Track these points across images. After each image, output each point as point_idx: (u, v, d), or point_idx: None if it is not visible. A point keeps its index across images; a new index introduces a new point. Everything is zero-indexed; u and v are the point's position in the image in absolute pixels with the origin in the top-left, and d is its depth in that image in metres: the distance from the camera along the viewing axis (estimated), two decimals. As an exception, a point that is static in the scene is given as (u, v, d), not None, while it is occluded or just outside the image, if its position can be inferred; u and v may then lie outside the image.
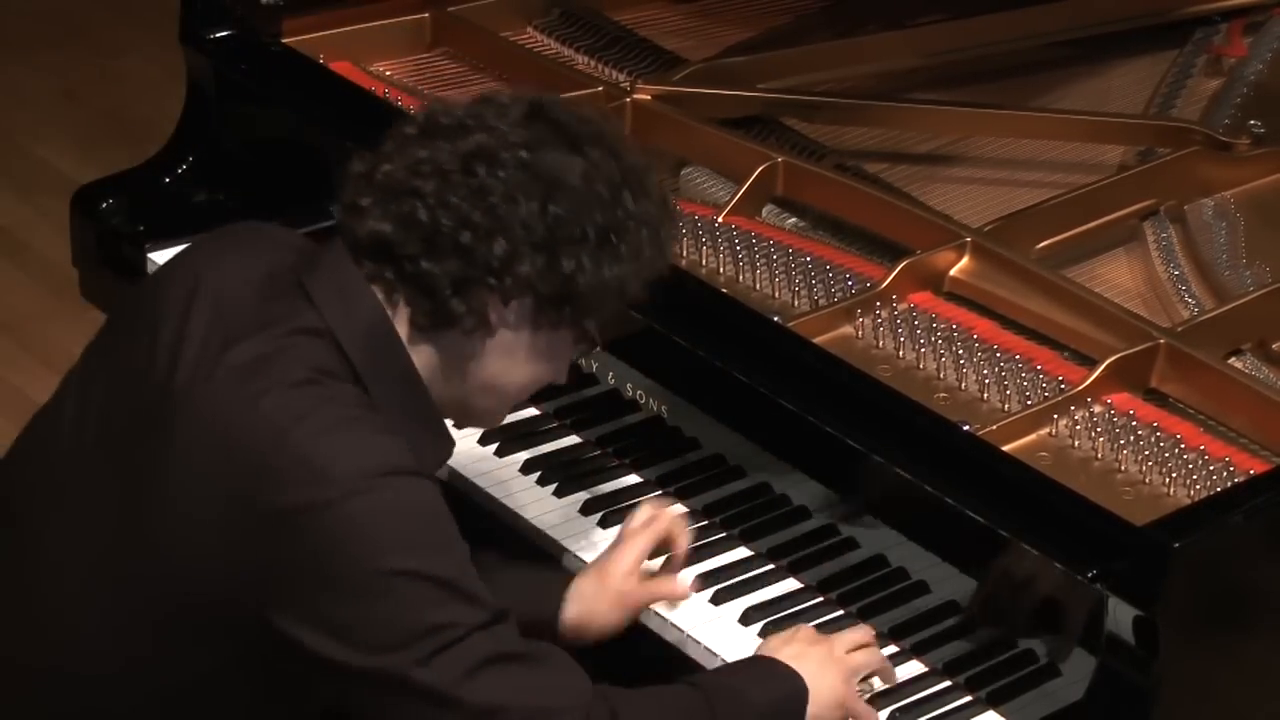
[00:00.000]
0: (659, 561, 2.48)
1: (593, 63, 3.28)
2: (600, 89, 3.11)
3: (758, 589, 2.51)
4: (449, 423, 2.28)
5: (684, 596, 2.46)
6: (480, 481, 2.66)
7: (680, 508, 2.55)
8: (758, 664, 2.32)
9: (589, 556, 2.54)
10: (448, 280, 2.13)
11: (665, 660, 2.45)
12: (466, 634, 2.06)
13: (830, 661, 2.32)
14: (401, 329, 2.18)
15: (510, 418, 2.73)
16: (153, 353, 2.18)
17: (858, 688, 2.34)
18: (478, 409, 2.28)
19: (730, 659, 2.40)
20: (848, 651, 2.35)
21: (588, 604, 2.41)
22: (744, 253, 2.80)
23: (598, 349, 2.55)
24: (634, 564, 2.42)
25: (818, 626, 2.44)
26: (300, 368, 2.12)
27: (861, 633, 2.39)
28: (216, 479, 2.09)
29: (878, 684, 2.37)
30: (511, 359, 2.20)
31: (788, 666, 2.29)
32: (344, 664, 2.07)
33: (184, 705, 2.19)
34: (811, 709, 2.28)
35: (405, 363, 2.18)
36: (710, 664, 2.42)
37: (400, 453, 2.10)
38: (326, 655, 2.07)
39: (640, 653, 2.48)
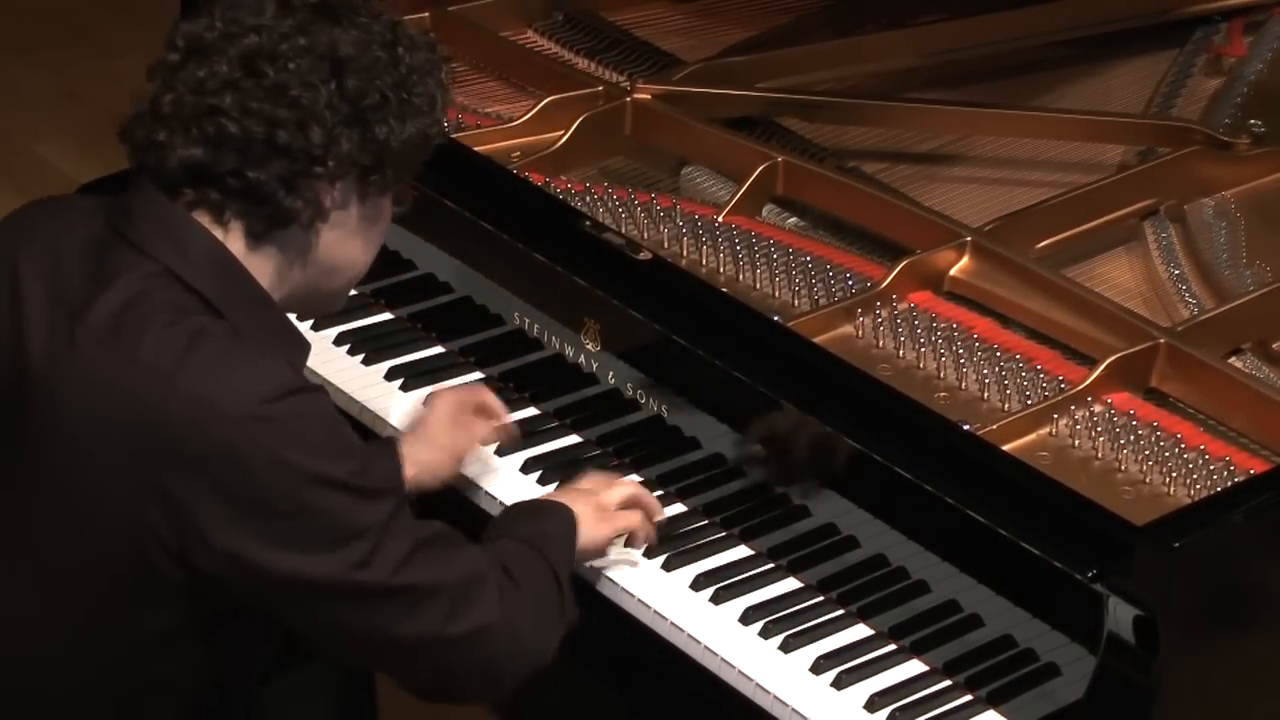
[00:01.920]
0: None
1: (593, 64, 3.28)
2: (600, 89, 3.11)
3: (758, 588, 2.51)
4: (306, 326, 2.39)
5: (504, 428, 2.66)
6: (480, 481, 2.67)
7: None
8: (540, 504, 2.48)
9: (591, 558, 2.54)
10: (278, 181, 2.17)
11: (665, 660, 2.46)
12: (384, 528, 2.14)
13: (598, 516, 2.47)
14: (236, 246, 2.21)
15: (510, 418, 2.74)
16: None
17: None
18: (326, 294, 2.32)
19: (731, 659, 2.40)
20: (618, 506, 2.50)
21: (422, 466, 2.56)
22: (744, 253, 2.80)
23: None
24: (449, 415, 2.60)
25: (817, 626, 2.45)
26: (159, 311, 2.15)
27: (631, 488, 2.54)
28: (112, 441, 2.12)
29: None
30: (348, 234, 2.26)
31: (565, 505, 2.45)
32: (289, 582, 2.13)
33: (136, 670, 2.22)
34: (582, 522, 2.46)
35: (250, 281, 2.21)
36: (711, 664, 2.42)
37: (283, 372, 2.15)
38: (269, 579, 2.12)
39: (640, 654, 2.48)
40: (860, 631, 2.46)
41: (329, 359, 2.87)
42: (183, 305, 2.16)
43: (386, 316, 2.97)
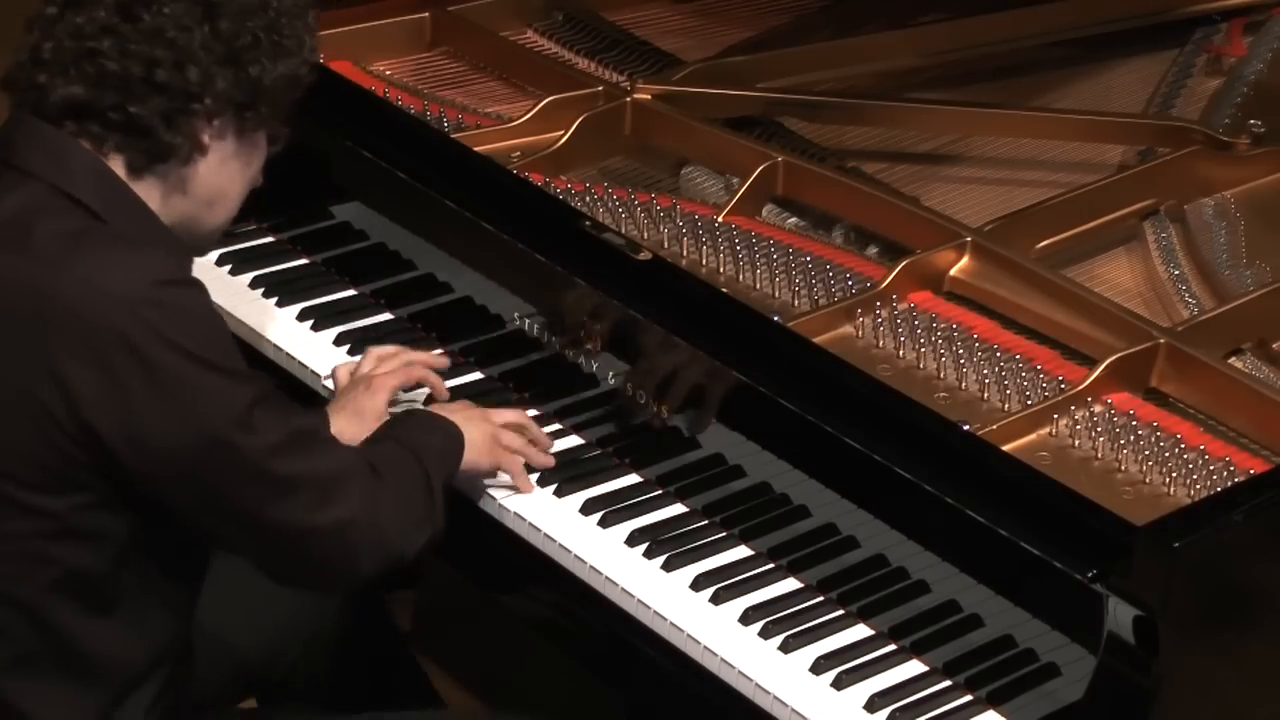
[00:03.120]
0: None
1: (593, 64, 3.28)
2: (600, 89, 3.11)
3: (758, 589, 2.51)
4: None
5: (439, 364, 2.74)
6: (480, 482, 2.66)
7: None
8: (431, 418, 2.59)
9: (591, 557, 2.54)
10: (158, 117, 2.29)
11: (665, 660, 2.46)
12: (257, 412, 2.26)
13: (487, 444, 2.60)
14: (119, 172, 2.31)
15: (511, 417, 2.74)
16: None
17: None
18: (207, 226, 2.42)
19: (731, 659, 2.40)
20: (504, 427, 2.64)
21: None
22: (744, 253, 2.80)
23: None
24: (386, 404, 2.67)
25: (817, 627, 2.45)
26: (48, 218, 2.26)
27: (519, 416, 2.67)
28: (5, 332, 2.22)
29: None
30: (225, 168, 2.37)
31: (456, 426, 2.57)
32: (167, 458, 2.23)
33: (48, 560, 2.28)
34: (469, 440, 2.58)
35: (134, 196, 2.32)
36: (711, 664, 2.42)
37: (169, 263, 2.28)
38: (151, 455, 2.23)
39: (640, 653, 2.48)
40: (860, 632, 2.46)
41: (329, 359, 2.87)
42: (68, 211, 2.28)
43: (387, 316, 2.97)
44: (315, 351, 2.90)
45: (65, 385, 2.20)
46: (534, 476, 2.67)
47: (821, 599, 2.49)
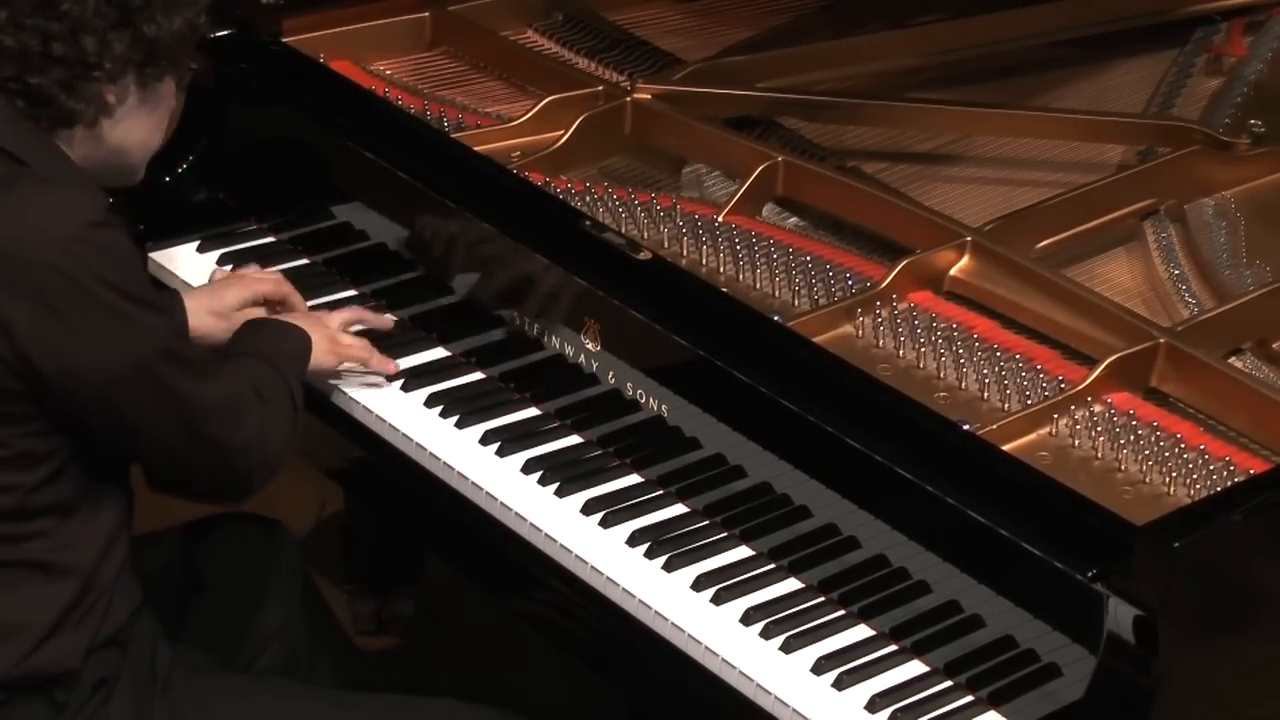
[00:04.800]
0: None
1: (593, 64, 3.28)
2: (600, 89, 3.11)
3: (759, 589, 2.51)
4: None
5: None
6: (481, 482, 2.67)
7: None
8: (282, 325, 2.74)
9: (592, 557, 2.54)
10: (58, 86, 2.38)
11: (666, 660, 2.46)
12: (172, 340, 2.42)
13: (328, 346, 2.76)
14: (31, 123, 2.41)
15: (511, 418, 2.75)
16: None
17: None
18: (127, 168, 2.54)
19: (732, 659, 2.40)
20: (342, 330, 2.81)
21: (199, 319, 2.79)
22: (744, 252, 2.80)
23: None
24: (245, 301, 2.82)
25: (819, 627, 2.45)
26: None
27: (352, 312, 2.86)
28: None
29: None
30: (134, 120, 2.47)
31: (302, 330, 2.72)
32: (93, 379, 2.34)
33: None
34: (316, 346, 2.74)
35: (52, 143, 2.42)
36: (712, 665, 2.42)
37: (98, 202, 2.36)
38: (75, 377, 2.33)
39: (641, 653, 2.48)
40: (861, 632, 2.46)
41: (329, 359, 2.87)
42: None
43: (387, 318, 2.96)
44: (316, 351, 2.90)
45: (3, 321, 2.29)
46: (534, 478, 2.67)
47: (822, 599, 2.49)
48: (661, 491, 2.64)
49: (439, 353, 2.90)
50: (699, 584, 2.50)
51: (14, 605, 2.40)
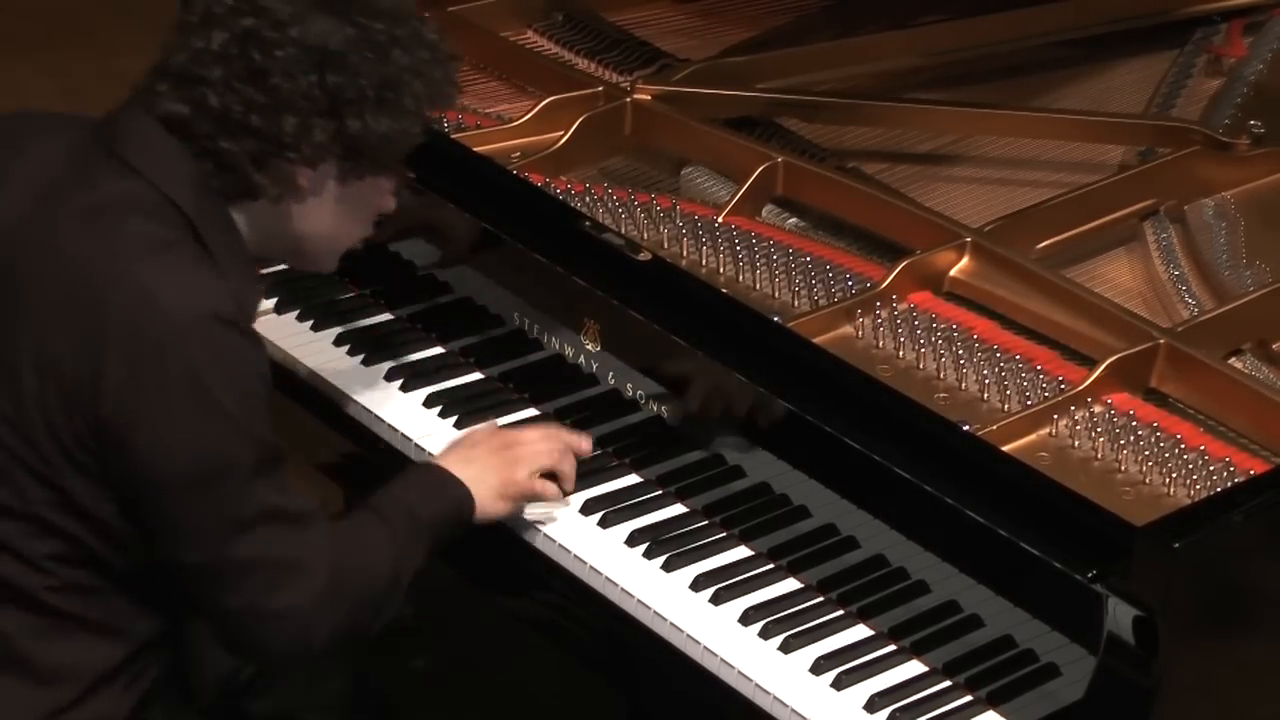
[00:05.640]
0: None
1: (593, 65, 3.28)
2: (600, 89, 3.11)
3: (758, 589, 2.51)
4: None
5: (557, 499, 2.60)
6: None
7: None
8: (428, 477, 2.51)
9: (591, 557, 2.54)
10: (247, 157, 2.30)
11: (665, 660, 2.46)
12: (247, 479, 2.24)
13: (501, 464, 2.53)
14: (215, 189, 2.33)
15: (510, 418, 2.74)
16: None
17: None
18: (306, 254, 2.46)
19: (731, 659, 2.40)
20: (528, 451, 2.56)
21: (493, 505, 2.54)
22: (744, 253, 2.80)
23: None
24: (538, 468, 2.57)
25: (817, 627, 2.45)
26: (138, 214, 2.28)
27: (537, 434, 2.60)
28: (64, 315, 2.23)
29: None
30: (324, 211, 2.38)
31: (453, 477, 2.50)
32: (147, 476, 2.23)
33: (44, 536, 2.30)
34: (479, 506, 2.51)
35: (227, 216, 2.34)
36: (711, 664, 2.42)
37: (233, 304, 2.27)
38: (133, 466, 2.23)
39: (640, 653, 2.48)
40: (860, 632, 2.46)
41: (329, 359, 2.87)
42: (163, 215, 2.29)
43: (387, 317, 2.97)
44: (315, 353, 2.90)
45: (98, 375, 2.21)
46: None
47: (821, 599, 2.49)
48: (660, 491, 2.64)
49: (437, 352, 2.90)
50: (698, 584, 2.50)
51: (62, 652, 2.35)
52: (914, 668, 2.41)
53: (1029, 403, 2.53)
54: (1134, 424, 2.49)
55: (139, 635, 2.39)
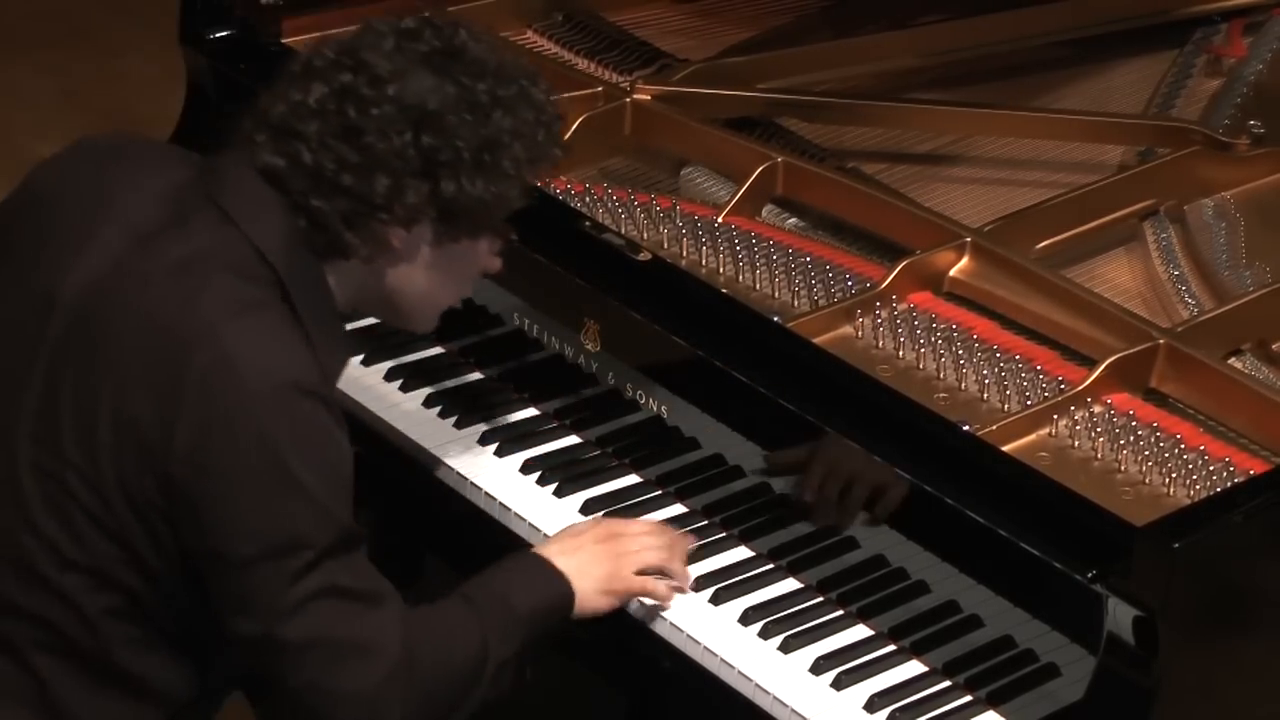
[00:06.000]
0: None
1: (593, 65, 3.28)
2: (600, 89, 3.11)
3: (758, 589, 2.51)
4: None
5: (668, 599, 2.48)
6: (480, 482, 2.67)
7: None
8: (528, 566, 2.41)
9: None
10: (338, 216, 2.24)
11: (665, 660, 2.45)
12: (317, 559, 2.18)
13: (606, 556, 2.42)
14: (309, 246, 2.28)
15: (510, 418, 2.75)
16: (57, 268, 2.27)
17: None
18: (399, 312, 2.39)
19: (731, 659, 2.40)
20: (636, 545, 2.45)
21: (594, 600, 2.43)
22: (744, 253, 2.80)
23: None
24: (645, 564, 2.46)
25: (817, 627, 2.45)
26: (230, 272, 2.23)
27: (644, 527, 2.49)
28: (144, 371, 2.19)
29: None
30: (416, 274, 2.32)
31: (554, 568, 2.39)
32: (215, 549, 2.18)
33: (109, 588, 2.25)
34: (579, 600, 2.40)
35: (319, 273, 2.28)
36: (711, 664, 2.42)
37: (317, 374, 2.21)
38: (201, 536, 2.18)
39: (640, 652, 2.48)
40: (860, 632, 2.46)
41: (329, 359, 2.87)
42: (252, 272, 2.24)
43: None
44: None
45: (171, 437, 2.16)
46: (533, 478, 2.67)
47: (821, 599, 2.49)
48: (660, 492, 2.64)
49: (437, 352, 2.90)
50: (698, 584, 2.50)
51: (95, 707, 2.29)
52: (914, 668, 2.41)
53: (1029, 403, 2.53)
54: (1134, 424, 2.49)
55: (175, 698, 2.33)
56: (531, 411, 2.78)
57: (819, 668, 2.40)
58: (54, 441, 2.23)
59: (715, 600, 2.49)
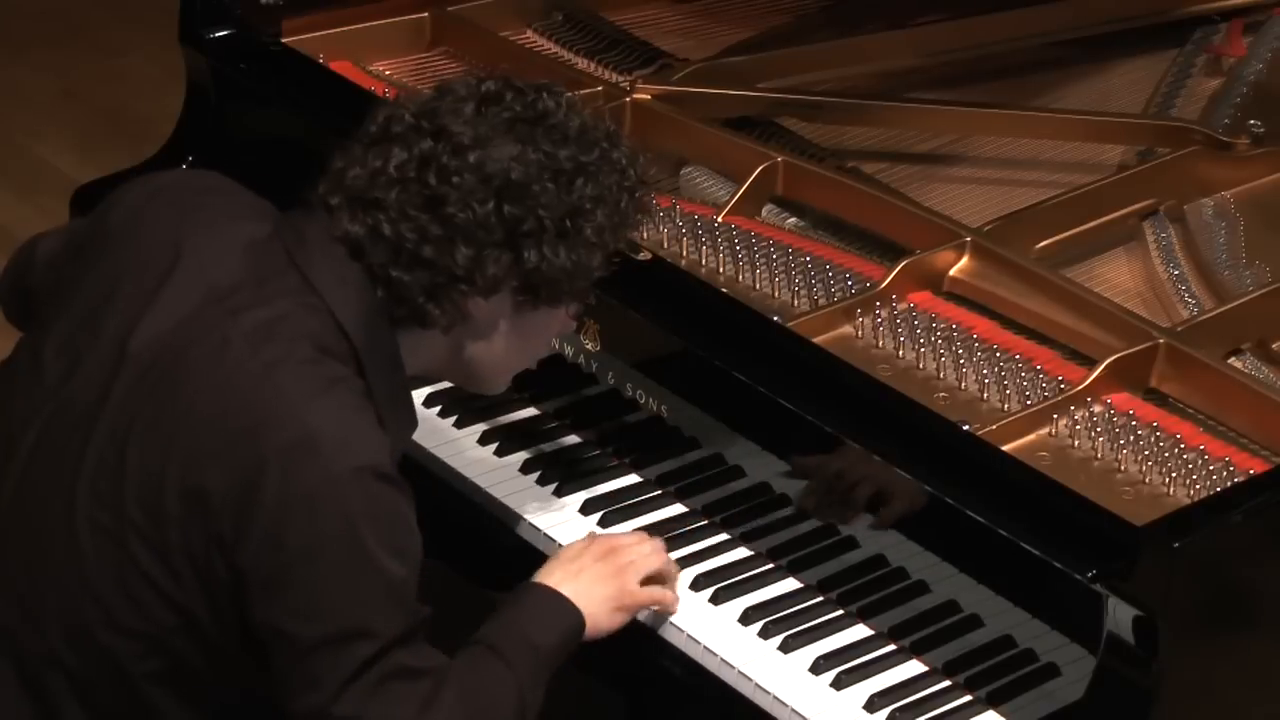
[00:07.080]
0: None
1: (593, 64, 3.28)
2: (600, 89, 3.11)
3: (758, 589, 2.51)
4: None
5: (676, 605, 2.48)
6: (480, 482, 2.67)
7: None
8: (541, 602, 2.37)
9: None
10: (419, 288, 2.20)
11: (664, 660, 2.46)
12: (385, 647, 2.14)
13: (609, 573, 2.40)
14: (386, 317, 2.24)
15: (510, 417, 2.75)
16: (129, 315, 2.22)
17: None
18: (473, 379, 2.37)
19: (731, 659, 2.40)
20: (633, 555, 2.42)
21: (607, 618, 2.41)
22: (744, 253, 2.80)
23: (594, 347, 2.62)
24: (646, 572, 2.45)
25: (817, 627, 2.45)
26: (309, 343, 2.18)
27: (636, 537, 2.47)
28: (219, 445, 2.13)
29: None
30: (500, 342, 2.29)
31: (565, 600, 2.36)
32: (279, 627, 2.14)
33: (154, 651, 2.21)
34: (591, 624, 2.37)
35: (393, 344, 2.25)
36: (711, 664, 2.42)
37: (385, 452, 2.16)
38: (264, 613, 2.14)
39: (640, 653, 2.48)
40: (860, 632, 2.46)
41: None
42: (330, 345, 2.19)
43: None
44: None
45: (246, 513, 2.11)
46: (533, 477, 2.67)
47: (821, 599, 2.49)
48: (660, 491, 2.65)
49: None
50: (697, 584, 2.50)
51: None
52: (914, 668, 2.41)
53: (1029, 402, 2.53)
54: (1134, 424, 2.49)
55: None
56: (531, 411, 2.78)
57: (819, 667, 2.40)
58: (116, 500, 2.18)
59: (715, 600, 2.49)
